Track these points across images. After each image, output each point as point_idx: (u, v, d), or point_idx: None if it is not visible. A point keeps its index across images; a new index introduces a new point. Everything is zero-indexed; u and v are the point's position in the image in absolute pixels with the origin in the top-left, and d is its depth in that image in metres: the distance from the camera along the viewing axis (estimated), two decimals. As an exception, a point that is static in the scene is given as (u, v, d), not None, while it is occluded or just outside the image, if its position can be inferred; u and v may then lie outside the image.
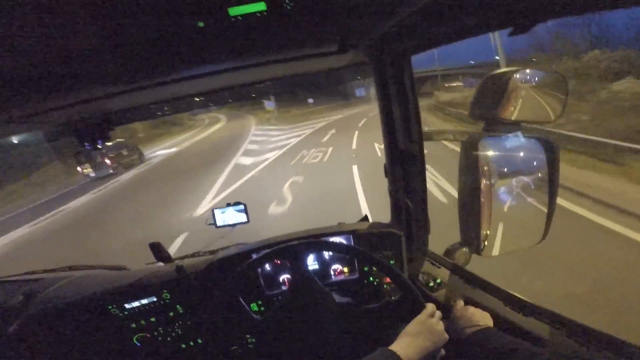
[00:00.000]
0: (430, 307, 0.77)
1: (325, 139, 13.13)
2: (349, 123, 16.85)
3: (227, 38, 0.68)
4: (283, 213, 5.41)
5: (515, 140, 0.83)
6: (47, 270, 1.37)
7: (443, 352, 0.74)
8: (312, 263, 1.21)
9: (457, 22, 0.70)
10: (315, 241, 0.97)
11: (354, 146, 10.54)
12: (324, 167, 8.29)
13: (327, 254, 1.21)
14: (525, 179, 0.85)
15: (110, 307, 1.14)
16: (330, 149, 10.56)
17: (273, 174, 8.54)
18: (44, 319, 1.11)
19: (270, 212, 5.46)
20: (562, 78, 0.82)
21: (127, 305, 1.15)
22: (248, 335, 1.03)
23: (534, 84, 0.86)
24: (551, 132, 6.32)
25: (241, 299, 0.85)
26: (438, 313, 0.76)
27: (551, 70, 0.87)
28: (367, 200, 5.29)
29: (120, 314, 1.15)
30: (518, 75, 0.83)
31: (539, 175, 0.83)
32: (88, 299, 1.14)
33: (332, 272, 1.21)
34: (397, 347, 0.68)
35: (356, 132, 13.10)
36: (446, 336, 0.73)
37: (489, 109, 0.82)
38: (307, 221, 3.93)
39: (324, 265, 1.21)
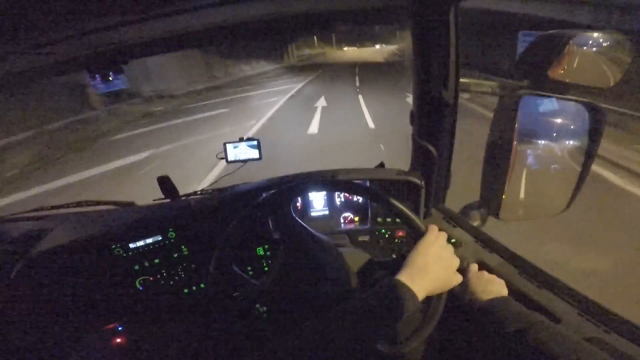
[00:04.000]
0: (432, 229, 0.68)
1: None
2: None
3: None
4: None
5: (560, 103, 0.78)
6: (55, 206, 1.31)
7: (460, 278, 0.68)
8: (322, 208, 1.22)
9: None
10: (330, 180, 0.89)
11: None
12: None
13: (338, 200, 1.22)
14: (562, 144, 0.81)
15: (114, 248, 1.10)
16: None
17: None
18: (47, 261, 1.07)
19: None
20: (626, 40, 0.76)
21: (131, 245, 1.11)
22: (258, 305, 0.92)
23: (594, 47, 0.79)
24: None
25: (235, 268, 0.78)
26: (443, 235, 0.68)
27: (615, 31, 0.79)
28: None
29: (125, 255, 1.11)
30: (577, 38, 0.77)
31: (578, 142, 0.80)
32: (93, 239, 1.09)
33: (342, 220, 1.22)
34: (403, 276, 0.60)
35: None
36: (456, 260, 0.67)
37: (537, 67, 0.78)
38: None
39: (334, 211, 1.22)
